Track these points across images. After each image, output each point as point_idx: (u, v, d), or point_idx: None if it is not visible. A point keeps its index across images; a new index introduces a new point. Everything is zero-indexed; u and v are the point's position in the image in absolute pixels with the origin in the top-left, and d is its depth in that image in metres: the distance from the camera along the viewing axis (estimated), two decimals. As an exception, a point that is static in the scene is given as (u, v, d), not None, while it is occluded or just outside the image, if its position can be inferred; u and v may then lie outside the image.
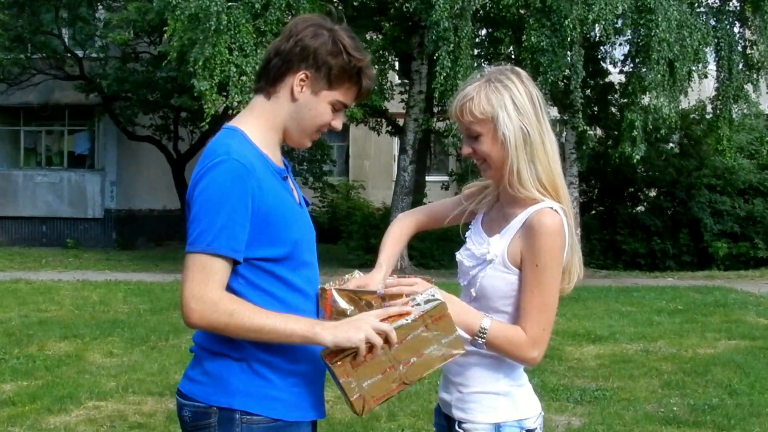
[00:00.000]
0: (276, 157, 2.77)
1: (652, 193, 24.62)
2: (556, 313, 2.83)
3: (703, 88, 21.31)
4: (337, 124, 2.78)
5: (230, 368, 2.65)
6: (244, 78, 17.48)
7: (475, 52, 20.45)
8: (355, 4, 21.50)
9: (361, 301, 2.70)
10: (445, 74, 17.34)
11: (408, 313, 2.58)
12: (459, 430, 2.83)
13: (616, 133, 20.35)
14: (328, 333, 2.56)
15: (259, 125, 2.75)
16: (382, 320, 2.57)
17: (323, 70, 2.70)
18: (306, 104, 2.73)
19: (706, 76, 19.88)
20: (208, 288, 2.55)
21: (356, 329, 2.55)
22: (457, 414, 2.85)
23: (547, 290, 2.75)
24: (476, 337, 2.72)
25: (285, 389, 2.68)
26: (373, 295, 2.69)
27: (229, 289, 2.62)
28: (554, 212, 2.74)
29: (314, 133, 2.79)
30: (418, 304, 2.61)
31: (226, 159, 2.59)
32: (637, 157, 18.61)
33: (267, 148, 2.73)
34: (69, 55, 25.62)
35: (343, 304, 2.70)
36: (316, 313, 2.74)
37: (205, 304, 2.54)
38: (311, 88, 2.72)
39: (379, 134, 27.16)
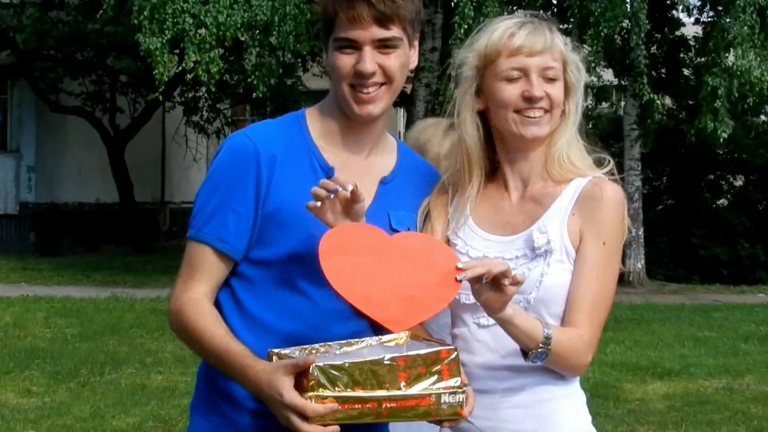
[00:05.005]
0: (336, 151, 2.97)
1: (739, 182, 24.59)
2: None
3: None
4: (363, 65, 2.88)
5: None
6: (202, 32, 17.47)
7: (505, -3, 20.44)
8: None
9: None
10: (465, 27, 17.27)
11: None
12: None
13: (691, 103, 20.33)
14: (256, 376, 2.70)
15: (323, 109, 3.03)
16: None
17: (322, 23, 2.95)
18: (329, 67, 2.95)
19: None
20: (186, 287, 2.89)
21: (277, 412, 2.63)
22: None
23: (613, 275, 2.95)
24: (538, 349, 2.78)
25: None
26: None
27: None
28: (613, 182, 2.96)
29: (349, 94, 2.92)
30: (441, 401, 2.66)
31: (236, 135, 2.98)
32: (724, 135, 18.54)
33: (325, 137, 2.98)
34: (-29, 0, 25.62)
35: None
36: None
37: (173, 306, 2.90)
38: (324, 47, 2.97)
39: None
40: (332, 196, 2.67)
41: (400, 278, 2.69)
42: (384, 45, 2.87)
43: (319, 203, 2.69)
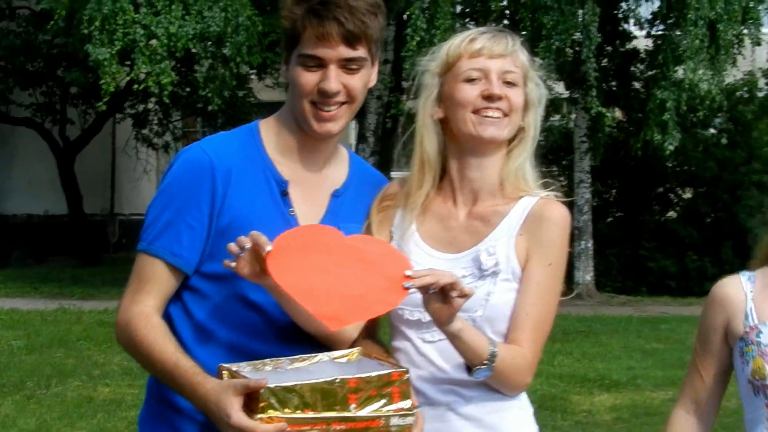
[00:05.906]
0: (290, 165, 2.95)
1: (687, 195, 24.74)
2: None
3: (757, 57, 21.35)
4: (327, 84, 2.84)
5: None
6: (153, 43, 17.39)
7: (458, 9, 20.47)
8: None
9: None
10: (418, 38, 17.33)
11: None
12: None
13: (640, 115, 20.43)
14: (205, 395, 2.67)
15: (279, 122, 2.99)
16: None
17: (285, 35, 2.92)
18: (290, 81, 2.92)
19: (759, 43, 19.96)
20: (135, 299, 2.87)
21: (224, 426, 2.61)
22: None
23: (555, 296, 2.97)
24: (482, 365, 2.80)
25: None
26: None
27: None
28: (560, 202, 2.97)
29: (310, 111, 2.89)
30: (390, 423, 2.64)
31: (191, 148, 2.96)
32: (670, 147, 18.66)
33: (280, 150, 2.95)
34: None
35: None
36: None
37: (121, 319, 2.89)
38: (285, 60, 2.95)
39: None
40: (242, 253, 2.65)
41: (348, 277, 2.67)
42: (349, 65, 2.86)
43: (233, 264, 2.68)
